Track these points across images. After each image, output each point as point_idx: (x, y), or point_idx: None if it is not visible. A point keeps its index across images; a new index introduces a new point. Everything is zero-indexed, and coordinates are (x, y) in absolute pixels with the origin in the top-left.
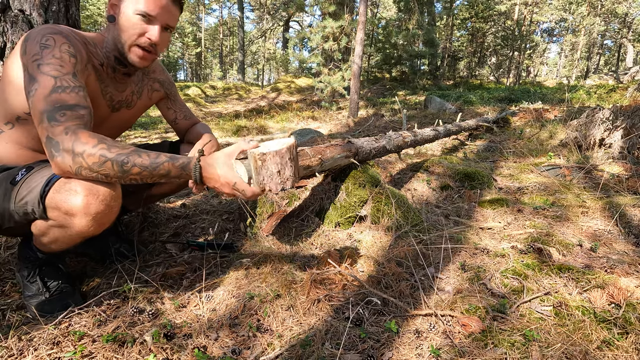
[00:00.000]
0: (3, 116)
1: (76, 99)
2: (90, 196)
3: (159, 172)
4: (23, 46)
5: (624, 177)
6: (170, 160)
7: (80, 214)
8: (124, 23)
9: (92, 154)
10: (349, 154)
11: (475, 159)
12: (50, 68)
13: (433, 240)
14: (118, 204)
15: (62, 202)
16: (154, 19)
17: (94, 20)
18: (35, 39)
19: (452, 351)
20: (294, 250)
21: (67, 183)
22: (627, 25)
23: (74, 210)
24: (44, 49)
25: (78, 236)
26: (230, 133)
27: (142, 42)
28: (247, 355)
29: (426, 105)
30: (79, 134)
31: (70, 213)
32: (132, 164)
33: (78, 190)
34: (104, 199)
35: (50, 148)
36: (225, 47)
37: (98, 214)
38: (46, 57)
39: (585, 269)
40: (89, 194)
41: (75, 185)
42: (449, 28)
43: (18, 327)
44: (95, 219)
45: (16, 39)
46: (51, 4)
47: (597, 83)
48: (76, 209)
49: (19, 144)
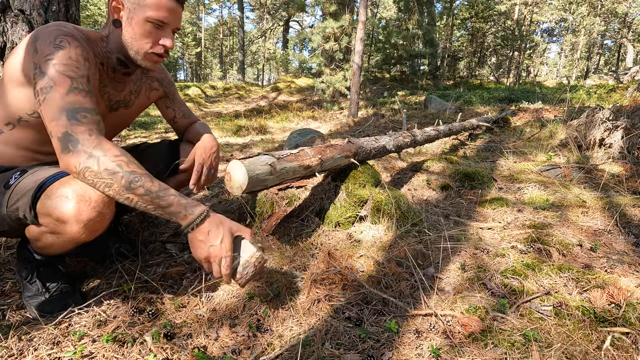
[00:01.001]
0: (3, 117)
1: (91, 103)
2: (82, 203)
3: (161, 202)
4: (32, 46)
5: (624, 177)
6: (178, 197)
7: (71, 221)
8: (136, 31)
9: (109, 162)
10: (349, 154)
11: (475, 159)
12: (67, 68)
13: (433, 240)
14: (111, 211)
15: (53, 209)
16: (166, 25)
17: (94, 20)
18: (48, 39)
19: (452, 351)
20: (294, 250)
21: (58, 189)
22: (627, 25)
23: (65, 217)
24: (58, 50)
25: (71, 242)
26: (231, 133)
27: (157, 50)
28: (247, 355)
29: (426, 105)
30: (102, 141)
31: (62, 220)
32: (140, 185)
33: (69, 196)
34: (96, 206)
35: (67, 143)
36: (225, 47)
37: (90, 221)
38: (62, 58)
39: (585, 269)
40: (81, 200)
41: (67, 191)
42: (449, 28)
43: (18, 327)
44: (87, 226)
45: (16, 39)
46: (51, 4)
47: (597, 83)
48: (67, 215)
49: (18, 145)
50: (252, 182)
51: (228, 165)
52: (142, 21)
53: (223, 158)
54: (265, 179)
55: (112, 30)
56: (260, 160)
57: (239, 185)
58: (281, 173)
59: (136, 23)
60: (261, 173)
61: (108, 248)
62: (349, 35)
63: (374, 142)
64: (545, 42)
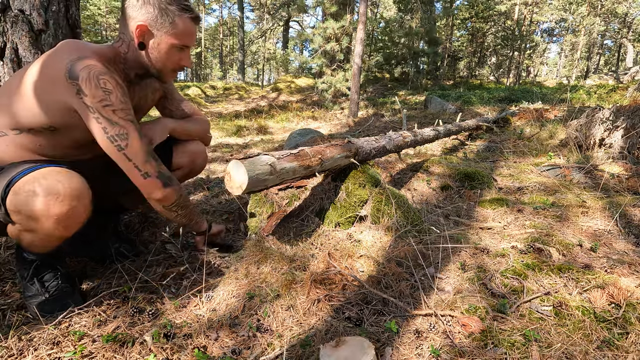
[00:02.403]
0: (11, 123)
1: None
2: (50, 197)
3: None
4: (72, 83)
5: (624, 177)
6: (199, 218)
7: (42, 217)
8: (162, 55)
9: (173, 190)
10: (349, 154)
11: (475, 159)
12: (125, 114)
13: (433, 240)
14: (84, 205)
15: (21, 206)
16: (187, 48)
17: (94, 20)
18: (92, 82)
19: (452, 351)
20: (294, 250)
21: (26, 184)
22: (627, 25)
23: (35, 214)
24: (108, 94)
25: (50, 239)
26: (230, 133)
27: (177, 68)
28: (247, 355)
29: (426, 105)
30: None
31: (32, 217)
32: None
33: (37, 191)
34: (65, 200)
35: (166, 180)
36: (225, 47)
37: (62, 216)
38: (116, 103)
39: (585, 269)
40: (48, 194)
41: (34, 186)
42: (449, 28)
43: (18, 327)
44: (60, 221)
45: (16, 39)
46: (51, 4)
47: (597, 83)
48: (37, 212)
49: (21, 147)
50: (252, 182)
51: (228, 165)
52: (169, 47)
53: (223, 158)
54: (265, 179)
55: (134, 50)
56: (261, 161)
57: (239, 185)
58: (281, 173)
59: (162, 48)
60: (261, 173)
61: (108, 248)
62: (349, 36)
63: (374, 142)
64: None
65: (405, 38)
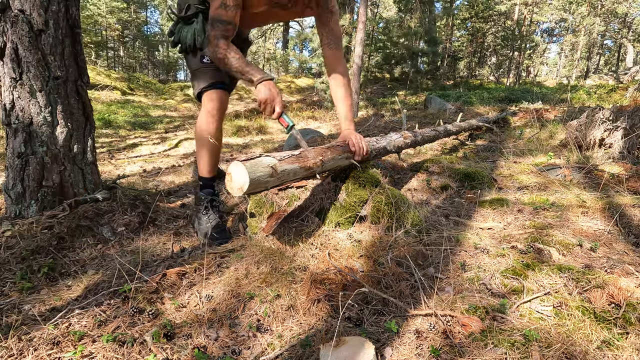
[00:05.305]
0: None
1: (229, 16)
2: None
3: (241, 74)
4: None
5: (624, 177)
6: (251, 73)
7: None
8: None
9: (221, 50)
10: (349, 155)
11: (475, 159)
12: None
13: (433, 240)
14: None
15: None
16: None
17: (94, 20)
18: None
19: (452, 351)
20: (294, 250)
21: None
22: (627, 25)
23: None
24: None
25: None
26: (231, 133)
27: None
28: (247, 355)
29: (426, 105)
30: (220, 42)
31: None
32: (230, 64)
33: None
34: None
35: (209, 33)
36: None
37: None
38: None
39: (585, 269)
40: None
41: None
42: (449, 28)
43: (18, 327)
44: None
45: (16, 39)
46: (51, 4)
47: (597, 83)
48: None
49: None
50: (253, 184)
51: (229, 167)
52: None
53: (223, 158)
54: (266, 180)
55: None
56: (262, 162)
57: (240, 186)
58: (282, 175)
59: None
60: (262, 175)
61: None
62: (349, 35)
63: (374, 143)
64: (545, 42)
65: (405, 38)
